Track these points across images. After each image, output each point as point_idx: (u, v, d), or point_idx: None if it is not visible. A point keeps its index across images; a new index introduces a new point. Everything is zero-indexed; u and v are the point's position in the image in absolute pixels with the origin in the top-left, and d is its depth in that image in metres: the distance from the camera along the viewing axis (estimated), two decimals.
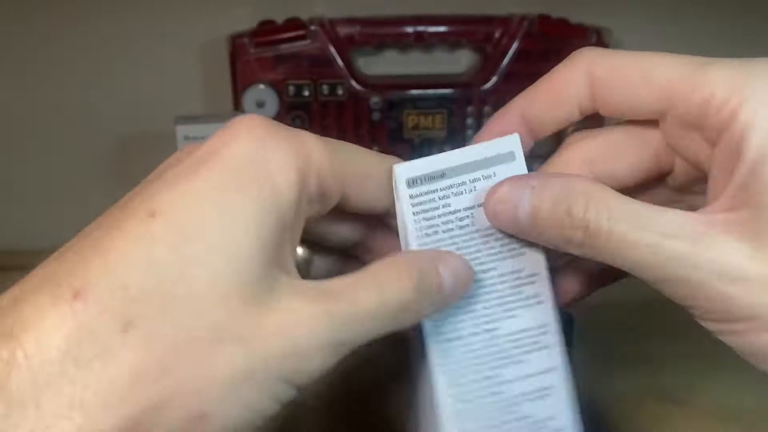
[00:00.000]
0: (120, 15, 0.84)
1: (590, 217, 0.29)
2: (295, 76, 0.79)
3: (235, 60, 0.77)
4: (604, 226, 0.29)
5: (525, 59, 0.79)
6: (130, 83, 0.86)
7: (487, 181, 0.35)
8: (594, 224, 0.29)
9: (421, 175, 0.36)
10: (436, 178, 0.35)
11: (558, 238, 0.31)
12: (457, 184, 0.36)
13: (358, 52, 0.85)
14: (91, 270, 0.28)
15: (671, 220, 0.29)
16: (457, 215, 0.35)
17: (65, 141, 0.88)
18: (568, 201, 0.30)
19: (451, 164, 0.36)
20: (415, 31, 0.80)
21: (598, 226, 0.29)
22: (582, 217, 0.29)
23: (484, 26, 0.80)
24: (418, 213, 0.35)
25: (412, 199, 0.35)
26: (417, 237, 0.35)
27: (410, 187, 0.35)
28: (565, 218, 0.30)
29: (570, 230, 0.30)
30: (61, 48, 0.85)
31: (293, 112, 0.79)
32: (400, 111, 0.80)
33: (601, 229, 0.29)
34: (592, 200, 0.29)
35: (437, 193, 0.35)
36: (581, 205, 0.30)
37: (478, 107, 0.80)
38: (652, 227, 0.28)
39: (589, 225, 0.29)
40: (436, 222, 0.35)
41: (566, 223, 0.30)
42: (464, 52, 0.86)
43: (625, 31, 0.87)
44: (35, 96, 0.86)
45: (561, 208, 0.30)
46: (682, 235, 0.28)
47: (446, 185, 0.35)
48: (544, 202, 0.31)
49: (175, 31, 0.85)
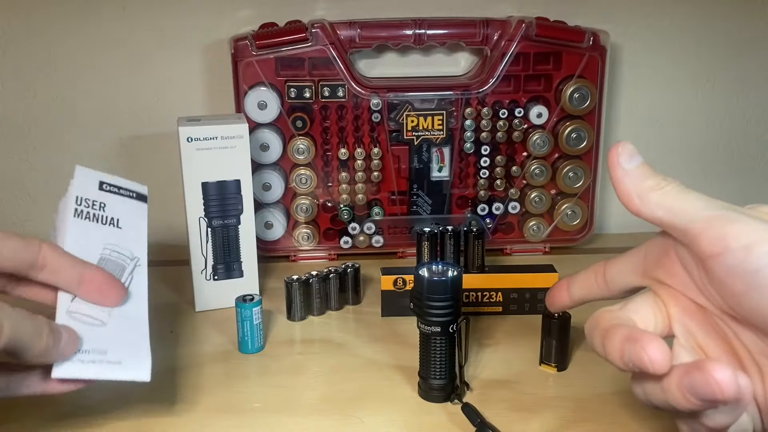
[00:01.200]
0: (123, 17, 0.85)
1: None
2: (296, 77, 0.79)
3: (237, 62, 0.78)
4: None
5: (523, 61, 0.80)
6: (133, 85, 0.87)
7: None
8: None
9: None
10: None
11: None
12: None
13: (359, 55, 0.85)
14: None
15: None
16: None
17: (68, 141, 0.89)
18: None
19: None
20: (414, 33, 0.80)
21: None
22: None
23: (483, 29, 0.80)
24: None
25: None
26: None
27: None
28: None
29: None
30: (64, 49, 0.86)
31: (294, 113, 0.80)
32: (399, 112, 0.81)
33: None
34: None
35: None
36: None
37: (476, 109, 0.80)
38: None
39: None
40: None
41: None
42: (463, 55, 0.87)
43: (622, 34, 0.87)
44: (38, 96, 0.87)
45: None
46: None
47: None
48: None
49: (178, 33, 0.86)
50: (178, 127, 0.68)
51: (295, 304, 0.70)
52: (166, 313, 0.72)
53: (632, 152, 0.46)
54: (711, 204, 0.43)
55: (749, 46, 0.90)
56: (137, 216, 0.52)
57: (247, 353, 0.65)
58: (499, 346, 0.66)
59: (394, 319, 0.70)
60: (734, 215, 0.41)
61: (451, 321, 0.56)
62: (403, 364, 0.63)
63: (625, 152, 0.46)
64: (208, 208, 0.70)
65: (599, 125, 0.82)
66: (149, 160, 0.89)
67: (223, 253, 0.72)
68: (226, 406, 0.58)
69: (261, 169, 0.80)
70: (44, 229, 0.91)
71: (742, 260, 0.40)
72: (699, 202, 0.43)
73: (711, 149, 0.93)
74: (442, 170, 0.83)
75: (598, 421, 0.55)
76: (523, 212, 0.85)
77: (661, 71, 0.90)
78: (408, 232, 0.84)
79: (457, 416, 0.55)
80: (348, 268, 0.73)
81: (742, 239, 0.40)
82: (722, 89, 0.91)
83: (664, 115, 0.92)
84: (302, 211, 0.83)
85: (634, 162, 0.46)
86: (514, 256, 0.86)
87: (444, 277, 0.55)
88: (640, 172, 0.45)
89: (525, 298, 0.70)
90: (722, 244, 0.41)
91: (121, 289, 0.48)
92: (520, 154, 0.83)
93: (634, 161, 0.46)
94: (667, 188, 0.45)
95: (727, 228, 0.41)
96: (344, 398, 0.59)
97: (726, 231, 0.41)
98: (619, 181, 0.46)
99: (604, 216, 0.93)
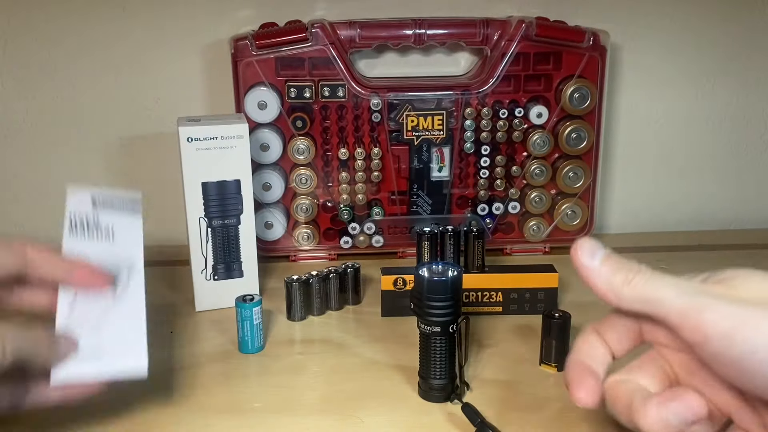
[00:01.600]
0: (123, 17, 0.85)
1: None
2: (296, 77, 0.79)
3: (237, 62, 0.78)
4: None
5: (523, 61, 0.80)
6: (133, 85, 0.87)
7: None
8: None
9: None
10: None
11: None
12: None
13: (359, 55, 0.85)
14: None
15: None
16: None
17: (69, 141, 0.89)
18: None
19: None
20: (414, 33, 0.80)
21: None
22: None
23: (483, 29, 0.80)
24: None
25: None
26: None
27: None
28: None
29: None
30: (64, 49, 0.86)
31: (294, 113, 0.80)
32: (399, 112, 0.81)
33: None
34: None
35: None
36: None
37: (476, 109, 0.80)
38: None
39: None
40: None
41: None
42: (463, 54, 0.87)
43: (622, 34, 0.87)
44: (38, 97, 0.87)
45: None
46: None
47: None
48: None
49: (178, 33, 0.86)
50: (178, 127, 0.68)
51: (295, 304, 0.70)
52: (166, 313, 0.72)
53: (593, 248, 0.45)
54: (681, 290, 0.42)
55: (749, 46, 0.90)
56: (131, 223, 0.54)
57: (247, 353, 0.65)
58: (499, 346, 0.66)
59: (394, 319, 0.70)
60: (706, 301, 0.41)
61: (451, 321, 0.56)
62: (403, 364, 0.63)
63: (585, 251, 0.45)
64: (208, 208, 0.70)
65: (599, 125, 0.82)
66: (149, 160, 0.89)
67: (223, 253, 0.72)
68: (226, 406, 0.58)
69: (261, 169, 0.80)
70: (44, 229, 0.92)
71: (725, 348, 0.40)
72: (670, 290, 0.43)
73: (711, 149, 0.93)
74: (442, 170, 0.83)
75: (598, 421, 0.55)
76: (523, 212, 0.85)
77: (661, 71, 0.90)
78: (408, 232, 0.84)
79: (457, 416, 0.55)
80: (348, 268, 0.73)
81: (720, 327, 0.40)
82: (722, 89, 0.91)
83: (664, 115, 0.92)
84: (302, 211, 0.83)
85: (597, 258, 0.45)
86: (514, 256, 0.86)
87: (444, 277, 0.55)
88: (606, 267, 0.45)
89: (525, 298, 0.70)
90: (702, 333, 0.40)
91: (109, 275, 0.50)
92: (520, 154, 0.83)
93: (597, 257, 0.45)
94: (635, 280, 0.44)
95: (703, 317, 0.40)
96: (344, 398, 0.59)
97: (702, 320, 0.40)
98: (590, 282, 0.45)
99: (604, 216, 0.93)
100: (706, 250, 0.87)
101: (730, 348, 0.39)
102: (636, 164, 0.93)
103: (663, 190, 0.94)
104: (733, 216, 0.96)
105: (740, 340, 0.39)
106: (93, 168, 0.90)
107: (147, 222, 0.91)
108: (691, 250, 0.87)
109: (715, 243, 0.90)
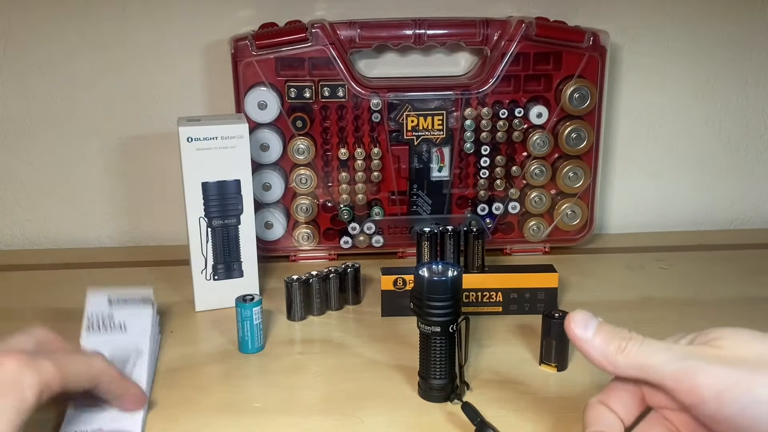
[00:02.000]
0: (123, 17, 0.85)
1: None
2: (296, 77, 0.79)
3: (237, 62, 0.78)
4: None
5: (523, 61, 0.80)
6: (133, 84, 0.87)
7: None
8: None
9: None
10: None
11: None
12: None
13: (359, 55, 0.85)
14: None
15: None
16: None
17: (68, 141, 0.89)
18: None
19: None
20: (414, 33, 0.80)
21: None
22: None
23: (483, 29, 0.80)
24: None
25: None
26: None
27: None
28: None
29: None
30: (64, 49, 0.85)
31: (294, 113, 0.80)
32: (399, 112, 0.81)
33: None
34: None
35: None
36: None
37: (476, 109, 0.80)
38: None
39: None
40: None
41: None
42: (463, 55, 0.87)
43: (622, 34, 0.87)
44: (38, 96, 0.87)
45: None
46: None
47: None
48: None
49: (178, 33, 0.86)
50: (178, 127, 0.68)
51: (295, 304, 0.70)
52: (166, 313, 0.72)
53: (585, 320, 0.47)
54: (673, 354, 0.44)
55: (749, 46, 0.90)
56: (141, 315, 0.63)
57: (247, 353, 0.65)
58: (499, 346, 0.66)
59: (394, 319, 0.70)
60: (697, 365, 0.43)
61: (451, 321, 0.56)
62: (403, 364, 0.63)
63: (578, 323, 0.47)
64: (208, 208, 0.70)
65: (599, 125, 0.82)
66: (149, 160, 0.89)
67: (223, 253, 0.72)
68: (226, 406, 0.58)
69: (261, 169, 0.80)
70: (44, 230, 0.92)
71: (718, 409, 0.42)
72: (662, 356, 0.45)
73: (711, 149, 0.93)
74: (442, 170, 0.83)
75: None
76: (523, 212, 0.85)
77: (661, 71, 0.90)
78: (408, 232, 0.84)
79: (457, 416, 0.55)
80: (348, 268, 0.73)
81: (713, 389, 0.42)
82: (722, 89, 0.91)
83: (664, 115, 0.92)
84: (302, 211, 0.83)
85: (590, 329, 0.47)
86: (514, 256, 0.86)
87: (444, 277, 0.55)
88: (600, 338, 0.47)
89: (525, 298, 0.70)
90: (696, 395, 0.43)
91: (145, 398, 0.57)
92: (520, 154, 0.83)
93: (590, 327, 0.47)
94: (628, 347, 0.46)
95: (696, 381, 0.43)
96: (344, 398, 0.59)
97: (695, 384, 0.43)
98: (585, 352, 0.47)
99: (604, 216, 0.93)
100: (706, 250, 0.87)
101: (722, 408, 0.42)
102: (636, 164, 0.93)
103: (663, 190, 0.94)
104: (733, 216, 0.96)
105: (730, 401, 0.42)
106: (93, 168, 0.90)
107: (147, 222, 0.92)
108: (691, 250, 0.87)
109: (715, 243, 0.90)
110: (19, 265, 0.85)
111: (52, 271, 0.83)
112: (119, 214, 0.92)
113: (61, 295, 0.76)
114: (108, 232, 0.92)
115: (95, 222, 0.92)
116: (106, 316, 0.62)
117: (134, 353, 0.60)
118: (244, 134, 0.69)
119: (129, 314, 0.63)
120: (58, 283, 0.80)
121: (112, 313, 0.63)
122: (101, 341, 0.60)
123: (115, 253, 0.90)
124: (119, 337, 0.61)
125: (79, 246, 0.92)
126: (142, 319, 0.63)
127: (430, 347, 0.57)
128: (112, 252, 0.91)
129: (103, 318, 0.62)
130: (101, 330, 0.61)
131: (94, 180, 0.90)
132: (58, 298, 0.76)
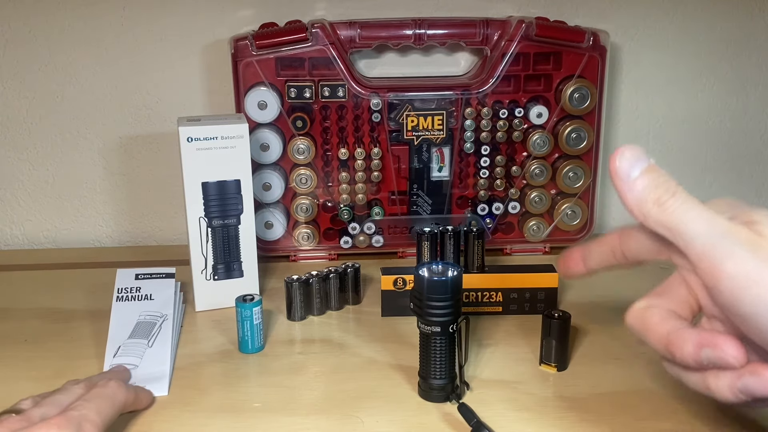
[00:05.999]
0: (123, 17, 0.85)
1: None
2: (296, 77, 0.79)
3: (237, 62, 0.78)
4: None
5: (523, 61, 0.80)
6: (133, 85, 0.87)
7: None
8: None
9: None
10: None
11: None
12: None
13: (359, 55, 0.86)
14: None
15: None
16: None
17: (68, 141, 0.89)
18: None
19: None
20: (414, 33, 0.80)
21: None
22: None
23: (483, 29, 0.80)
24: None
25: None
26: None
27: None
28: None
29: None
30: (64, 49, 0.86)
31: (294, 113, 0.80)
32: (399, 112, 0.81)
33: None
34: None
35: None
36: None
37: (476, 109, 0.80)
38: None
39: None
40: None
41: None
42: (463, 55, 0.87)
43: (622, 34, 0.87)
44: (38, 96, 0.87)
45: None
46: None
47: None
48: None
49: (178, 33, 0.86)
50: (178, 127, 0.68)
51: (295, 304, 0.70)
52: None
53: (636, 157, 0.43)
54: (710, 227, 0.41)
55: (749, 46, 0.90)
56: (166, 288, 0.69)
57: (247, 353, 0.65)
58: (499, 346, 0.66)
59: (394, 319, 0.70)
60: (728, 249, 0.40)
61: (451, 321, 0.56)
62: (403, 364, 0.63)
63: (626, 158, 0.43)
64: (208, 208, 0.70)
65: (599, 125, 0.82)
66: (149, 160, 0.89)
67: (223, 253, 0.72)
68: (226, 406, 0.58)
69: (261, 169, 0.81)
70: (44, 230, 0.92)
71: (732, 303, 0.40)
72: (699, 226, 0.41)
73: (711, 149, 0.93)
74: (442, 170, 0.83)
75: (598, 421, 0.55)
76: (523, 212, 0.85)
77: (660, 71, 0.90)
78: (408, 232, 0.84)
79: (456, 416, 0.55)
80: (348, 268, 0.73)
81: (734, 282, 0.40)
82: (722, 89, 0.91)
83: (664, 114, 0.92)
84: (302, 211, 0.83)
85: (637, 168, 0.43)
86: (514, 256, 0.86)
87: (444, 277, 0.55)
88: (642, 182, 0.43)
89: (525, 298, 0.70)
90: (715, 279, 0.40)
91: (152, 396, 0.59)
92: (520, 154, 0.83)
93: (637, 167, 0.43)
94: (669, 203, 0.42)
95: (720, 266, 0.40)
96: (344, 398, 0.59)
97: (718, 269, 0.40)
98: (620, 193, 0.43)
99: (604, 216, 0.93)
100: None
101: (735, 304, 0.40)
102: None
103: None
104: None
105: (749, 299, 0.39)
106: (93, 168, 0.90)
107: (147, 222, 0.92)
108: None
109: None
110: (19, 265, 0.85)
111: (52, 271, 0.83)
112: (119, 214, 0.92)
113: (61, 295, 0.76)
114: (108, 232, 0.92)
115: (95, 222, 0.92)
116: (134, 288, 0.69)
117: (160, 318, 0.67)
118: (244, 134, 0.69)
119: (155, 286, 0.69)
120: (58, 283, 0.80)
121: (140, 286, 0.69)
122: (130, 309, 0.67)
123: (115, 253, 0.90)
124: (146, 304, 0.68)
125: (79, 246, 0.92)
126: (166, 288, 0.69)
127: (430, 347, 0.57)
128: (112, 252, 0.91)
129: (131, 290, 0.69)
130: (130, 300, 0.68)
131: (94, 180, 0.90)
132: (58, 298, 0.76)
